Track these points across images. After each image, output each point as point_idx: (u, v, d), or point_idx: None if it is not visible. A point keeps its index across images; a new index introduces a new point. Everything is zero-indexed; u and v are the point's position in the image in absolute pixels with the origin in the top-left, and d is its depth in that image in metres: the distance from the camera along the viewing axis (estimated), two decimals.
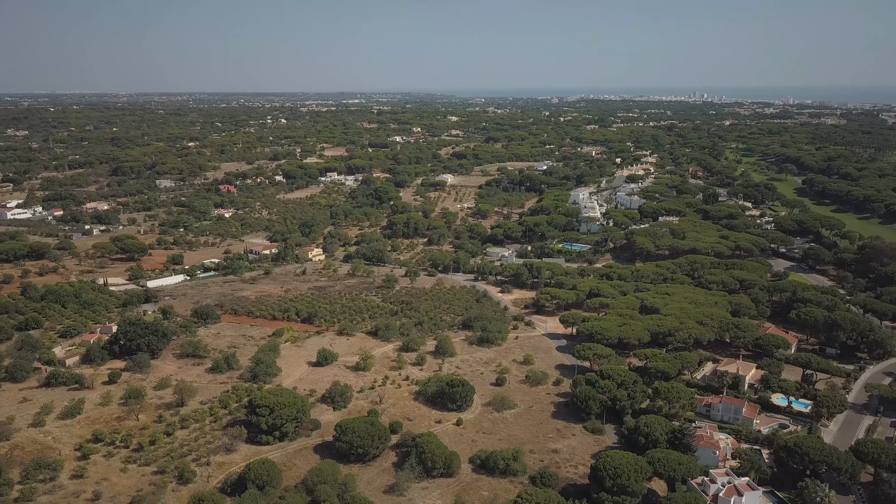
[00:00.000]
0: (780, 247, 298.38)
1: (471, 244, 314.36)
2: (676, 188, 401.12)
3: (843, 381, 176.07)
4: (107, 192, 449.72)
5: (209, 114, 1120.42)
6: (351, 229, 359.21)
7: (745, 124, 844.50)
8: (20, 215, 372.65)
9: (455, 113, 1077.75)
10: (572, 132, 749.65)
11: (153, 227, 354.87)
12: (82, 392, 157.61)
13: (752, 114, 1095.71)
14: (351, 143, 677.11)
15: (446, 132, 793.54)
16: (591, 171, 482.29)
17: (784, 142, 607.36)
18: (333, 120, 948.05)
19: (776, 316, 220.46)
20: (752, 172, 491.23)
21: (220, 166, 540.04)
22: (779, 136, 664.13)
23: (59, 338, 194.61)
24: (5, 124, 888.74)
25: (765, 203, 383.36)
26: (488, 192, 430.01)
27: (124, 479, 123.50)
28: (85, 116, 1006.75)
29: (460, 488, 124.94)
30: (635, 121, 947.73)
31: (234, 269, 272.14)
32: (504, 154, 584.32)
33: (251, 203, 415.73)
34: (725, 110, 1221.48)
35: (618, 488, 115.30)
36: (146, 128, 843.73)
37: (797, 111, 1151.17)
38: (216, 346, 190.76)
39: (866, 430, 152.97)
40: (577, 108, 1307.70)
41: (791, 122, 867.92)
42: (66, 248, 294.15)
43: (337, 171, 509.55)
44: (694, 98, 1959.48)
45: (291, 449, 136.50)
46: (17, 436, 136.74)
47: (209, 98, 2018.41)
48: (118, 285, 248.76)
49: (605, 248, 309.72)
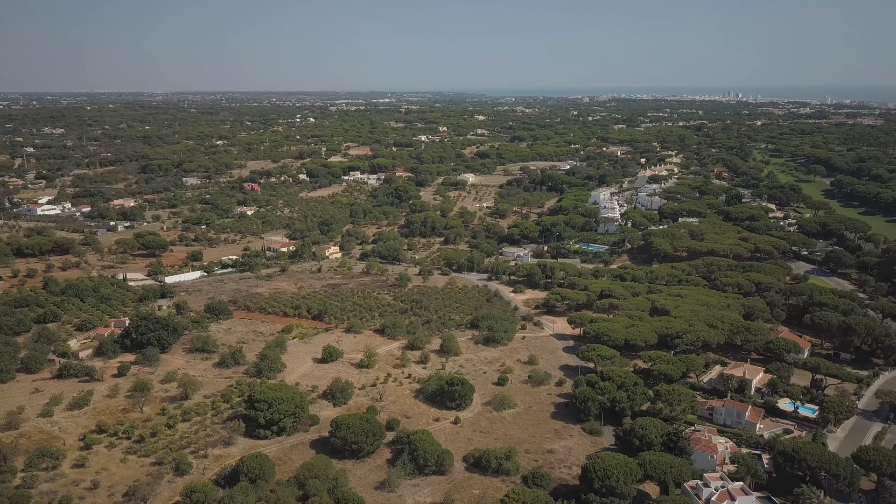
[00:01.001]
0: (801, 249, 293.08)
1: (487, 244, 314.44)
2: (699, 189, 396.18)
3: (856, 386, 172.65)
4: (135, 190, 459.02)
5: (240, 112, 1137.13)
6: (369, 228, 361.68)
7: (776, 124, 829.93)
8: (49, 211, 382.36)
9: (483, 112, 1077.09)
10: (599, 132, 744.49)
11: (176, 223, 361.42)
12: (92, 384, 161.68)
13: (786, 114, 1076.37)
14: (376, 142, 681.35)
15: (472, 131, 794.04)
16: (614, 171, 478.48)
17: (815, 142, 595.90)
18: (361, 119, 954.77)
19: (792, 320, 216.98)
20: (780, 173, 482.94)
21: (246, 164, 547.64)
22: (810, 137, 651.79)
23: (76, 331, 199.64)
24: (43, 122, 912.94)
25: (790, 205, 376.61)
26: (508, 191, 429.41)
27: (123, 469, 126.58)
28: (119, 115, 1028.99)
29: (451, 486, 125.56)
30: (665, 121, 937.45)
31: (251, 266, 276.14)
32: (528, 153, 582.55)
33: (273, 201, 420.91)
34: (759, 110, 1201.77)
35: (606, 490, 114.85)
36: (178, 126, 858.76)
37: (834, 111, 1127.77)
38: (226, 341, 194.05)
39: (874, 437, 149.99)
40: (607, 108, 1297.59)
41: (825, 123, 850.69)
42: (90, 243, 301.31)
43: (360, 169, 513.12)
44: (728, 98, 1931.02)
45: (288, 444, 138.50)
46: (25, 425, 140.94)
47: (242, 97, 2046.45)
48: (137, 280, 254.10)
49: (623, 248, 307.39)
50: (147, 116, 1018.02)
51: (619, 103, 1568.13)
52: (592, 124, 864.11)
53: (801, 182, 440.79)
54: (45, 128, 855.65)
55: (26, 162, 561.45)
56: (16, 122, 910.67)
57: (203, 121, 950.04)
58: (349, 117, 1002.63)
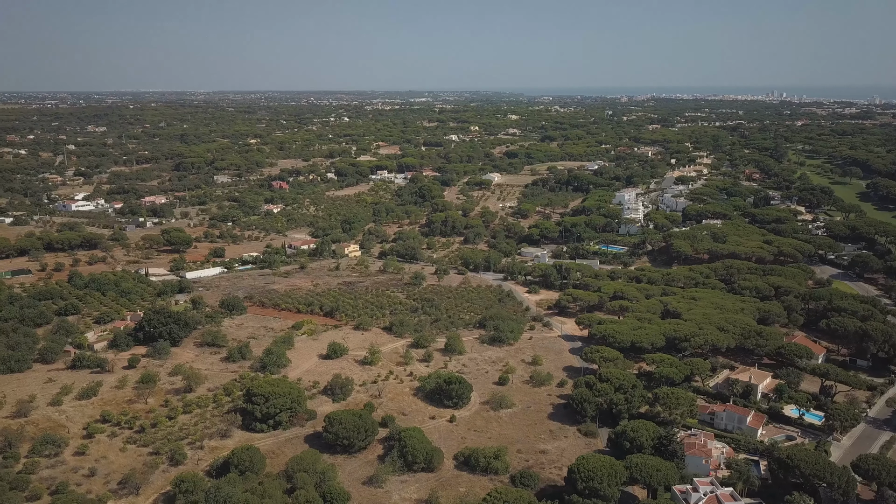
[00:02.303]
0: (827, 253, 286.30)
1: (505, 244, 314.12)
2: (726, 190, 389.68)
3: (869, 394, 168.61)
4: (167, 187, 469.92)
5: (277, 111, 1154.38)
6: (391, 227, 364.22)
7: (817, 125, 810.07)
8: (83, 207, 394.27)
9: (516, 112, 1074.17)
10: (632, 132, 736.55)
11: (203, 220, 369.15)
12: (102, 375, 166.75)
13: (829, 114, 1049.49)
14: (406, 141, 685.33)
15: (503, 131, 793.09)
16: (643, 171, 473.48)
17: (853, 143, 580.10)
18: (394, 118, 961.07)
19: (811, 325, 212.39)
20: (815, 175, 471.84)
21: (277, 163, 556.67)
22: (850, 138, 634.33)
23: (94, 323, 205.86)
24: (87, 121, 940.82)
25: (820, 207, 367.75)
26: (533, 191, 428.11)
27: (122, 457, 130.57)
28: (160, 114, 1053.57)
29: (439, 483, 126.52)
30: (701, 121, 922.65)
31: (270, 263, 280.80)
32: (557, 153, 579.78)
33: (300, 199, 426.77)
34: (801, 110, 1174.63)
35: (589, 491, 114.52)
36: (215, 125, 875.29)
37: (881, 111, 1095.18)
38: (237, 336, 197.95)
39: (882, 447, 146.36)
40: (644, 108, 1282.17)
41: (869, 123, 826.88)
42: (118, 239, 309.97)
43: (387, 169, 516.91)
44: (771, 97, 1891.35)
45: (283, 437, 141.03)
46: (34, 413, 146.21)
47: (281, 96, 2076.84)
48: (159, 275, 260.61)
49: (643, 250, 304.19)
50: (186, 115, 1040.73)
51: (658, 103, 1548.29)
52: (626, 124, 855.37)
53: (835, 184, 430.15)
54: (88, 126, 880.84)
55: (67, 159, 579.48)
56: (61, 121, 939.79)
57: (240, 119, 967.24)
58: (383, 117, 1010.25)
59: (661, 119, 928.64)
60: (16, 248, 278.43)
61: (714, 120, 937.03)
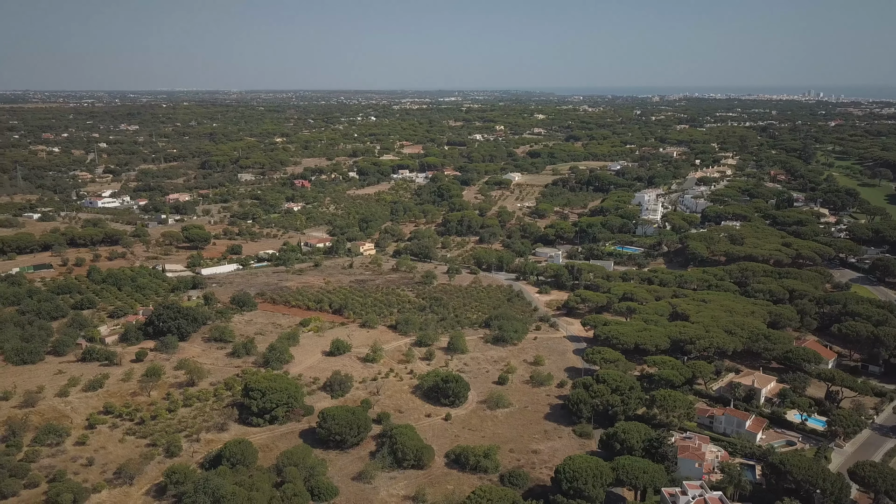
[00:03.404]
0: (848, 256, 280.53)
1: (520, 244, 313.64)
2: (748, 192, 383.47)
3: (877, 400, 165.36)
4: (192, 184, 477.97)
5: (306, 110, 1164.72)
6: (407, 226, 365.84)
7: (851, 125, 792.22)
8: (109, 204, 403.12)
9: (543, 111, 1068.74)
10: (658, 132, 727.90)
11: (224, 218, 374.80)
12: (110, 368, 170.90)
13: (866, 114, 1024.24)
14: (430, 140, 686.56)
15: (529, 130, 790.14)
16: (665, 172, 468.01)
17: (886, 144, 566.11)
18: (420, 118, 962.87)
19: (825, 329, 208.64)
20: (843, 177, 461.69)
21: (301, 161, 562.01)
22: (882, 139, 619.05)
23: (108, 317, 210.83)
24: (120, 119, 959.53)
25: (845, 210, 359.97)
26: (553, 191, 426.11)
27: (120, 448, 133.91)
28: (192, 113, 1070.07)
29: (428, 481, 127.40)
30: (732, 120, 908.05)
31: (285, 261, 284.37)
32: (581, 153, 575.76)
33: (321, 198, 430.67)
34: (837, 110, 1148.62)
35: (574, 491, 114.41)
36: (243, 124, 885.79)
37: None
38: (245, 331, 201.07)
39: (885, 455, 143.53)
40: (675, 108, 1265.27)
41: None
42: (139, 235, 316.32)
43: (409, 168, 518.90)
44: (808, 97, 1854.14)
45: (279, 432, 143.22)
46: (41, 403, 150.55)
47: (311, 95, 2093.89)
48: (175, 271, 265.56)
49: (659, 251, 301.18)
50: (217, 114, 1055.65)
51: (690, 102, 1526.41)
52: (654, 124, 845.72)
53: (864, 186, 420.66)
54: (121, 124, 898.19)
55: (98, 157, 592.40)
56: (96, 119, 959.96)
57: (268, 118, 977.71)
58: (409, 116, 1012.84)
59: (690, 119, 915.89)
60: (40, 243, 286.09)
61: (745, 120, 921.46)
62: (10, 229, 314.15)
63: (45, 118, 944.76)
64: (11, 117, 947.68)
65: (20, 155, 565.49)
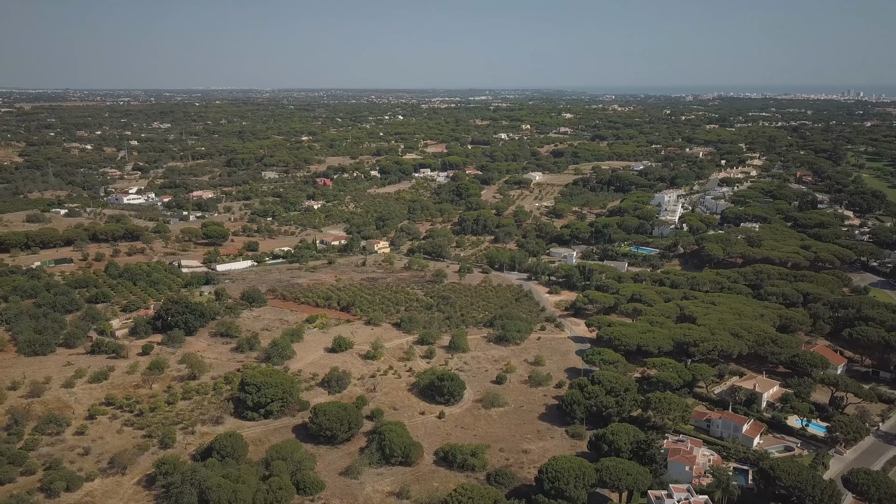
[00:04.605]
0: (870, 260, 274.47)
1: (535, 244, 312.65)
2: (771, 193, 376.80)
3: (885, 407, 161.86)
4: (216, 182, 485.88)
5: (335, 109, 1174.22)
6: (424, 224, 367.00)
7: (887, 125, 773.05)
8: (134, 201, 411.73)
9: (571, 110, 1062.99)
10: (686, 132, 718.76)
11: (244, 215, 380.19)
12: (117, 360, 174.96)
13: None
14: (455, 139, 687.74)
15: (555, 129, 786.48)
16: (689, 172, 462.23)
17: None
18: (447, 117, 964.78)
19: (838, 333, 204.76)
20: (873, 178, 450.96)
21: (325, 160, 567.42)
22: None
23: (121, 311, 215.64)
24: (153, 117, 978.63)
25: (871, 212, 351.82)
26: (573, 191, 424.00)
27: (117, 439, 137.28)
28: (223, 111, 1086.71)
29: (414, 478, 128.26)
30: (765, 120, 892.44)
31: (299, 258, 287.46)
32: (605, 153, 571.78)
33: (341, 196, 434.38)
34: (875, 110, 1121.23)
35: (555, 492, 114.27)
36: (272, 122, 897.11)
37: None
38: (252, 327, 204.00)
39: (887, 462, 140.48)
40: (707, 107, 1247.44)
41: None
42: (160, 231, 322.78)
43: (430, 167, 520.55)
44: (846, 97, 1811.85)
45: (273, 426, 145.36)
46: (47, 394, 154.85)
47: (342, 94, 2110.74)
48: (191, 267, 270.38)
49: (675, 253, 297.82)
50: (247, 112, 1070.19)
51: (723, 102, 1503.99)
52: (682, 124, 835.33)
53: (894, 188, 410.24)
54: (154, 122, 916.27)
55: (128, 154, 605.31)
56: (130, 117, 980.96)
57: (297, 117, 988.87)
58: (436, 115, 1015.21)
59: (721, 119, 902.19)
60: (63, 238, 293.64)
61: (777, 120, 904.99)
62: (37, 224, 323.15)
63: (81, 116, 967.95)
64: (50, 115, 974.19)
65: (53, 152, 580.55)
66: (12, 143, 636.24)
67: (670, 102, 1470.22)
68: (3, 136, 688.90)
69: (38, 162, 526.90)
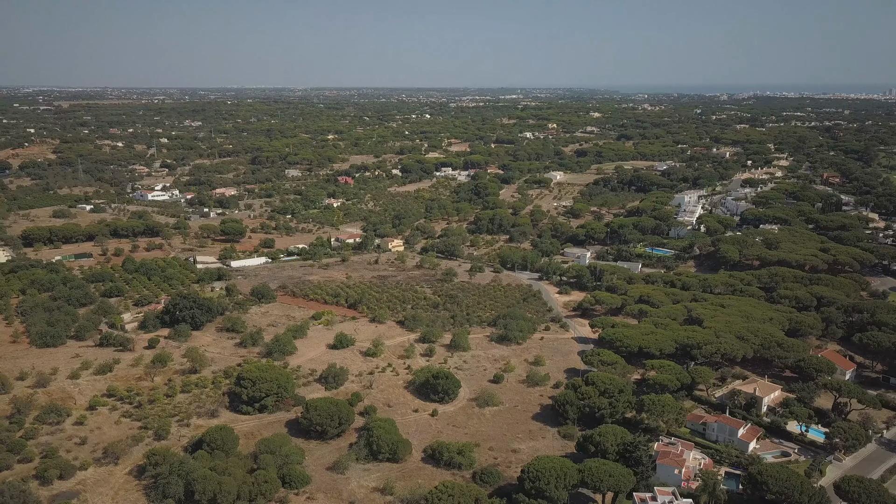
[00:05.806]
0: (891, 264, 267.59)
1: (549, 243, 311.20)
2: (794, 194, 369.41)
3: (891, 414, 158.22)
4: (240, 179, 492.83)
5: (363, 108, 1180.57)
6: (440, 223, 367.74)
7: None
8: (158, 197, 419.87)
9: (600, 109, 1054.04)
10: (715, 131, 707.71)
11: (264, 212, 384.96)
12: (123, 353, 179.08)
13: None
14: (479, 138, 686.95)
15: (581, 129, 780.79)
16: (713, 173, 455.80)
17: None
18: (474, 116, 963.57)
19: (849, 338, 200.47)
20: None
21: (349, 158, 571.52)
22: None
23: (134, 305, 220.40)
24: (185, 115, 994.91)
25: None
26: (593, 191, 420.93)
27: (114, 430, 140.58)
28: (254, 109, 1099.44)
29: (401, 474, 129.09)
30: (798, 120, 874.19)
31: (313, 255, 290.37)
32: (630, 152, 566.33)
33: (361, 195, 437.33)
34: None
35: (536, 491, 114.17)
36: (301, 121, 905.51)
37: None
38: (259, 323, 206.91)
39: (887, 471, 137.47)
40: (741, 106, 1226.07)
41: None
42: (180, 227, 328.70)
43: (452, 166, 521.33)
44: (887, 96, 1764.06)
45: (266, 421, 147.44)
46: (52, 385, 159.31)
47: (373, 93, 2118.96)
48: (206, 263, 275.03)
49: (691, 254, 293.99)
50: (277, 111, 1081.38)
51: (758, 101, 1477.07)
52: (712, 123, 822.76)
53: None
54: (185, 120, 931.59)
55: (158, 151, 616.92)
56: (162, 115, 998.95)
57: (325, 116, 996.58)
58: (463, 114, 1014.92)
59: (752, 118, 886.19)
60: (85, 233, 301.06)
61: (811, 120, 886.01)
62: (62, 219, 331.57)
63: (115, 114, 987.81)
64: (86, 113, 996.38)
65: (85, 149, 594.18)
66: (47, 140, 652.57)
67: (703, 102, 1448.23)
68: (39, 133, 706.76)
69: (70, 159, 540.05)
